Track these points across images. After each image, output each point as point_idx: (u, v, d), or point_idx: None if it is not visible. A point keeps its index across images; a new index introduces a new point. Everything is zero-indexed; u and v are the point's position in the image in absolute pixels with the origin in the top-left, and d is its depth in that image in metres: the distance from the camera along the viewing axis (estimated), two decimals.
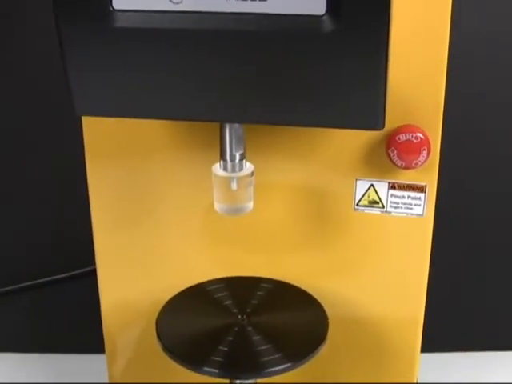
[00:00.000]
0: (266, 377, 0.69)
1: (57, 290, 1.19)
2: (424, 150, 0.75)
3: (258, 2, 0.56)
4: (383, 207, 0.81)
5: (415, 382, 0.93)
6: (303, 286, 0.81)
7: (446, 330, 1.22)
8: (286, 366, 0.69)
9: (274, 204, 0.82)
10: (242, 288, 0.81)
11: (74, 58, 0.60)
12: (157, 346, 0.77)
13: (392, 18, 0.57)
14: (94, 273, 0.95)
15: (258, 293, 0.80)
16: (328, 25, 0.56)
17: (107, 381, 0.97)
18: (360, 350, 0.89)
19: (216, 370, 0.68)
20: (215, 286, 0.81)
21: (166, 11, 0.58)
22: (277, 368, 0.68)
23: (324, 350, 0.81)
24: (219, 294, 0.79)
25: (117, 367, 0.95)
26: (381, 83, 0.58)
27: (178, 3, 0.57)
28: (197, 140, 0.79)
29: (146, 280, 0.88)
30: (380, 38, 0.57)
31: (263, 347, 0.71)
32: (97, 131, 0.81)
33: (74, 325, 1.19)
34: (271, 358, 0.70)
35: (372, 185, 0.81)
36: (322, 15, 0.56)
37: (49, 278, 1.18)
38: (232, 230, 0.84)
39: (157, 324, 0.75)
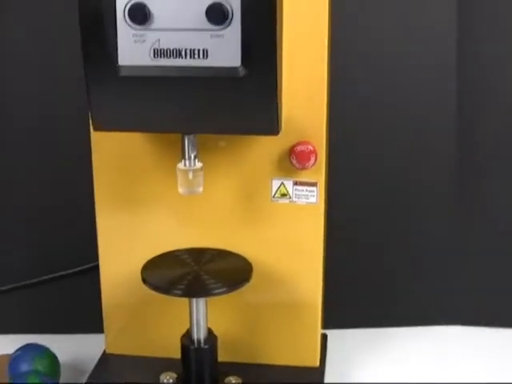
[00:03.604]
0: (213, 296, 1.03)
1: (60, 285, 1.36)
2: (313, 156, 1.08)
3: (201, 59, 0.93)
4: (290, 198, 1.10)
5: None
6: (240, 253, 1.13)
7: (346, 307, 1.37)
8: (224, 289, 1.03)
9: (217, 194, 1.11)
10: (196, 252, 1.14)
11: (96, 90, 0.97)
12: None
13: (281, 68, 0.95)
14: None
15: (207, 256, 1.14)
16: (241, 71, 0.93)
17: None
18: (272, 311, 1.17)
19: (180, 292, 1.03)
20: (179, 252, 1.15)
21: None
22: (218, 291, 1.03)
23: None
24: (182, 256, 1.14)
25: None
26: (274, 104, 0.95)
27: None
28: (168, 150, 1.10)
29: (135, 251, 1.17)
30: (272, 79, 0.94)
31: (211, 281, 1.05)
32: (104, 141, 1.13)
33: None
34: (215, 286, 1.04)
35: (282, 183, 1.09)
36: (238, 67, 0.93)
37: (55, 275, 1.35)
38: (190, 213, 1.15)
39: (142, 272, 1.08)
